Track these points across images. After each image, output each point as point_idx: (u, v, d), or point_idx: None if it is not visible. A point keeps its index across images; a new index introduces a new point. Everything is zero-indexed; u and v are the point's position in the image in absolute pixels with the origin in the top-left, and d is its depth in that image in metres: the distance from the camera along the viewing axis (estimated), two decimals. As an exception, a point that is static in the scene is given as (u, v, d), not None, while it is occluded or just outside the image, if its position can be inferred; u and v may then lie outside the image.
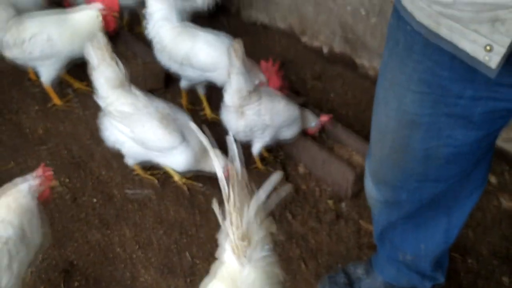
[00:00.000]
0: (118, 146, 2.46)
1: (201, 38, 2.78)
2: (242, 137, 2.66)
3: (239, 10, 4.43)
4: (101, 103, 2.41)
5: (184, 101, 3.11)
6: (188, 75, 2.87)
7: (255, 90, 2.57)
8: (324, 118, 2.81)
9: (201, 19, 3.68)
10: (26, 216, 1.74)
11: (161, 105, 2.42)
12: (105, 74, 2.34)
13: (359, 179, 2.59)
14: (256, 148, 2.72)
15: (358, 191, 2.67)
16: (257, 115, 2.55)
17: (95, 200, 2.46)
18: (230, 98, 2.51)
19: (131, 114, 2.32)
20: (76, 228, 2.30)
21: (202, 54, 2.75)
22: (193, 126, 1.58)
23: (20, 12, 2.89)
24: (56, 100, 3.09)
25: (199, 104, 3.14)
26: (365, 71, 3.55)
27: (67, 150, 2.76)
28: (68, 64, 2.99)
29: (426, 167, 1.48)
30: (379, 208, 1.79)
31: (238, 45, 2.46)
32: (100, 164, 2.69)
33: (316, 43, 3.85)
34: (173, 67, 2.87)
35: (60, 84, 3.19)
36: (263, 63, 2.90)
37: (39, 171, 1.84)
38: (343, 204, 2.68)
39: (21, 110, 3.06)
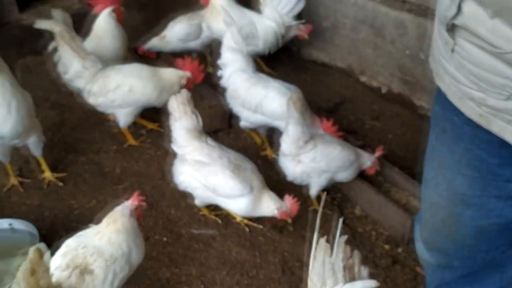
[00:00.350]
0: (189, 190, 2.69)
1: (273, 88, 2.99)
2: (299, 181, 2.81)
3: (300, 49, 4.61)
4: (178, 151, 2.64)
5: (257, 139, 3.35)
6: (257, 121, 3.07)
7: (311, 138, 2.72)
8: (378, 152, 2.89)
9: (262, 56, 3.91)
10: (131, 236, 2.05)
11: (232, 155, 2.62)
12: (185, 125, 2.55)
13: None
14: (314, 191, 2.86)
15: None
16: (313, 161, 2.69)
17: (165, 239, 2.69)
18: (287, 146, 2.67)
19: (206, 164, 2.53)
20: (149, 266, 2.53)
21: (274, 103, 2.94)
22: None
23: (104, 63, 3.24)
24: (131, 141, 3.41)
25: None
26: (424, 112, 3.59)
27: (141, 189, 3.01)
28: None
29: (477, 240, 1.54)
30: (431, 269, 1.85)
31: (297, 96, 2.63)
32: (169, 204, 2.93)
33: (374, 83, 3.95)
34: (244, 113, 3.09)
35: (134, 124, 3.51)
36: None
37: (135, 196, 2.16)
38: (399, 249, 2.73)
39: (101, 150, 3.39)
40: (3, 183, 3.08)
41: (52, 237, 2.69)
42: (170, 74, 3.18)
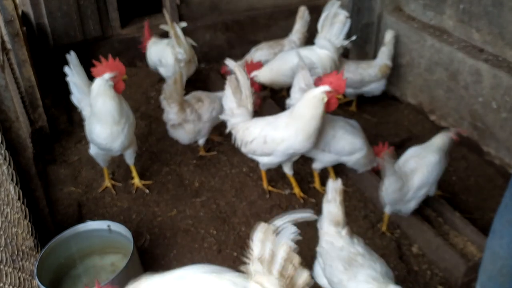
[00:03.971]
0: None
1: (339, 126, 3.19)
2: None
3: (372, 80, 4.76)
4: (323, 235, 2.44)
5: (317, 183, 3.50)
6: (325, 159, 3.30)
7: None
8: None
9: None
10: None
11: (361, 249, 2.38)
12: (330, 209, 2.36)
13: (471, 270, 2.77)
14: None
15: (469, 281, 2.82)
16: None
17: (235, 254, 3.00)
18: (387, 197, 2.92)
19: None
20: (220, 277, 2.84)
21: (342, 141, 3.17)
22: None
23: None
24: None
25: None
26: (491, 158, 3.66)
27: (216, 204, 3.36)
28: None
29: None
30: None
31: (388, 155, 2.82)
32: (240, 221, 3.24)
33: (444, 123, 4.04)
34: (312, 152, 3.28)
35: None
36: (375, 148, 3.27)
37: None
38: (452, 292, 2.86)
39: (183, 163, 3.77)
40: (99, 185, 3.54)
41: (137, 239, 3.09)
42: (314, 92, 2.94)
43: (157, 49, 4.32)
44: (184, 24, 4.28)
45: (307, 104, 2.92)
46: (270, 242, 1.68)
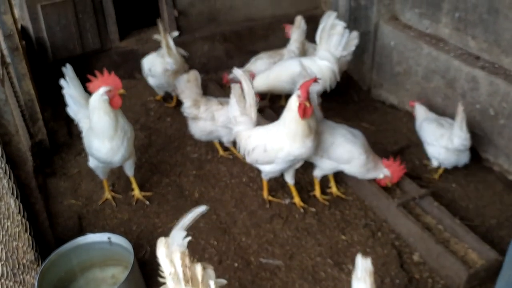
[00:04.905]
0: None
1: (339, 134, 3.22)
2: None
3: (370, 89, 4.81)
4: None
5: (317, 191, 3.50)
6: (324, 165, 3.32)
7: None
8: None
9: (333, 93, 4.12)
10: None
11: None
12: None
13: (472, 277, 2.77)
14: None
15: (470, 288, 2.83)
16: None
17: (236, 264, 2.99)
18: None
19: None
20: (221, 288, 2.84)
21: (340, 149, 3.19)
22: None
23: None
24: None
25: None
26: (490, 165, 3.67)
27: (216, 215, 3.37)
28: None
29: None
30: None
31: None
32: (241, 231, 3.24)
33: (442, 131, 4.05)
34: (313, 158, 3.30)
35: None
36: (384, 161, 3.30)
37: None
38: (454, 300, 2.85)
39: (182, 173, 3.78)
40: (99, 197, 3.54)
41: (138, 250, 3.09)
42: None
43: (149, 58, 4.36)
44: (176, 33, 4.32)
45: (287, 108, 3.02)
46: (170, 255, 1.72)
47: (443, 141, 3.50)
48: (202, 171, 3.79)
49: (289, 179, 3.35)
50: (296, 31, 4.41)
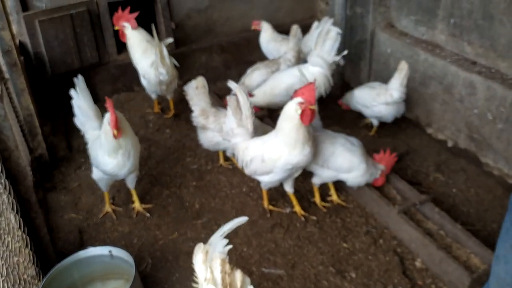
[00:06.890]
0: None
1: (339, 143, 3.22)
2: None
3: (368, 96, 4.80)
4: None
5: (317, 198, 3.51)
6: (324, 174, 3.31)
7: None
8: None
9: (330, 100, 4.13)
10: None
11: None
12: None
13: (475, 282, 2.76)
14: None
15: (474, 294, 2.81)
16: None
17: (238, 274, 2.98)
18: None
19: None
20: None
21: (340, 158, 3.20)
22: None
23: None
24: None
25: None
26: (490, 169, 3.67)
27: (217, 225, 3.35)
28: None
29: None
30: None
31: None
32: (242, 241, 3.23)
33: (441, 136, 4.07)
34: (313, 167, 3.31)
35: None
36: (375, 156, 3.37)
37: None
38: (457, 306, 2.84)
39: (182, 185, 3.77)
40: (99, 210, 3.53)
41: (139, 263, 3.08)
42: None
43: (143, 67, 4.35)
44: (170, 40, 4.33)
45: (284, 117, 3.00)
46: (209, 261, 1.77)
47: (381, 99, 3.98)
48: (202, 182, 3.79)
49: (289, 188, 3.34)
50: (292, 40, 4.44)
